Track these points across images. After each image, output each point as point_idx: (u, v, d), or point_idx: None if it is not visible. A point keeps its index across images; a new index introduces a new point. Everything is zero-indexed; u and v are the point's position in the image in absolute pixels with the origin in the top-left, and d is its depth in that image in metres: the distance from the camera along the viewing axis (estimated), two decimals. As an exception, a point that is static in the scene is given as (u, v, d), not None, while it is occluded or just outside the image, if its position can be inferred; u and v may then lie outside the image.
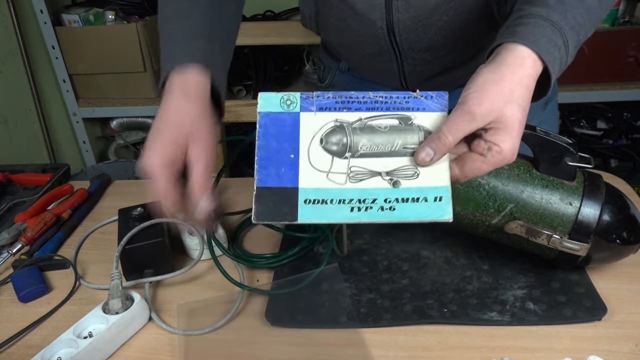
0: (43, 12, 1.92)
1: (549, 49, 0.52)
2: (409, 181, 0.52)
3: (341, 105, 0.55)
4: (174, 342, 0.66)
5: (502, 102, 0.50)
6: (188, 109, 0.58)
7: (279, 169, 0.53)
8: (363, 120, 0.54)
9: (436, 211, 0.52)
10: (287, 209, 0.52)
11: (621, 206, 0.65)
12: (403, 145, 0.53)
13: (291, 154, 0.54)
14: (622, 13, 1.88)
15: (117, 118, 2.21)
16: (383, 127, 0.54)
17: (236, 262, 0.76)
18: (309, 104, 0.55)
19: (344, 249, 0.76)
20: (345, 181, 0.53)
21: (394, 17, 0.73)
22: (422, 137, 0.53)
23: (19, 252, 0.82)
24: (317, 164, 0.54)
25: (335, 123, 0.54)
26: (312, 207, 0.52)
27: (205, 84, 0.61)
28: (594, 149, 2.06)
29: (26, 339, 0.68)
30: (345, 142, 0.54)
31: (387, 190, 0.52)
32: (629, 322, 0.64)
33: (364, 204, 0.52)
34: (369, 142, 0.54)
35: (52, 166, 1.05)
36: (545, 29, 0.53)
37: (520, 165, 0.66)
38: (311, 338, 0.65)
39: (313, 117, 0.55)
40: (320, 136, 0.54)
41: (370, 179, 0.53)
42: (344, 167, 0.53)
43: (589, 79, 1.85)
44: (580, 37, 0.56)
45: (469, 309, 0.66)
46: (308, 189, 0.53)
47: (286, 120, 0.55)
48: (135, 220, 0.76)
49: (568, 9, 0.54)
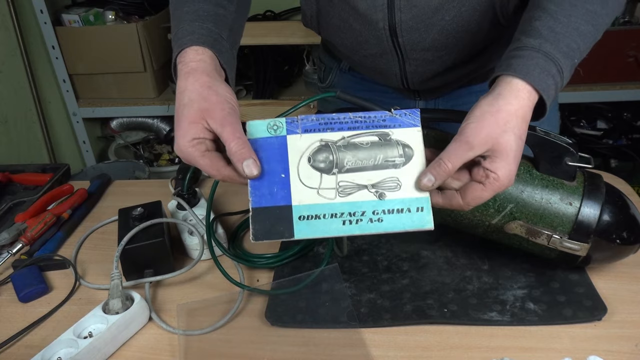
0: (43, 12, 1.92)
1: (542, 79, 0.56)
2: (393, 193, 0.57)
3: (324, 126, 0.59)
4: (174, 342, 0.66)
5: (498, 132, 0.54)
6: (194, 85, 0.60)
7: (271, 189, 0.57)
8: (346, 139, 0.58)
9: (419, 221, 0.56)
10: (283, 227, 0.56)
11: (621, 206, 0.65)
12: (384, 159, 0.58)
13: (282, 173, 0.57)
14: (622, 13, 1.88)
15: (117, 118, 2.21)
16: (365, 143, 0.58)
17: (236, 262, 0.76)
18: (294, 127, 0.59)
19: (344, 249, 0.76)
20: (335, 196, 0.57)
21: (396, 17, 0.73)
22: (400, 150, 0.58)
23: (19, 252, 0.82)
24: (307, 181, 0.57)
25: (321, 142, 0.58)
26: (306, 223, 0.56)
27: (210, 61, 0.62)
28: (594, 149, 2.06)
29: (26, 339, 0.68)
30: (331, 159, 0.58)
31: (374, 202, 0.57)
32: (629, 322, 0.64)
33: (354, 217, 0.56)
34: (354, 158, 0.58)
35: (52, 166, 1.05)
36: (538, 60, 0.56)
37: (520, 165, 0.66)
38: (311, 338, 0.65)
39: (299, 139, 0.58)
40: (308, 155, 0.58)
41: (357, 192, 0.57)
42: (332, 183, 0.57)
43: (589, 79, 1.85)
44: (575, 61, 0.59)
45: (469, 309, 0.66)
46: (301, 205, 0.56)
47: (274, 144, 0.58)
48: (135, 220, 0.76)
49: (561, 38, 0.57)
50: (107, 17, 2.03)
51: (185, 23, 0.64)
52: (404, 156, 0.58)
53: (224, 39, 0.65)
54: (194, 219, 0.79)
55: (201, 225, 0.77)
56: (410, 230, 0.56)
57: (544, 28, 0.58)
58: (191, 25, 0.64)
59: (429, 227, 0.56)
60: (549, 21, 0.58)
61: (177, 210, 0.84)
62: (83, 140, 2.18)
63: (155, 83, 2.09)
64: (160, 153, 2.30)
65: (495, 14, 0.73)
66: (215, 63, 0.63)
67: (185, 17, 0.65)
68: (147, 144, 2.32)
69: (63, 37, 1.98)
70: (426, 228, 0.56)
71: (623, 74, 1.85)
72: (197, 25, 0.63)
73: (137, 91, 2.09)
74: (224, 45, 0.65)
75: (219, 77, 0.62)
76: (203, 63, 0.61)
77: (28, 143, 1.94)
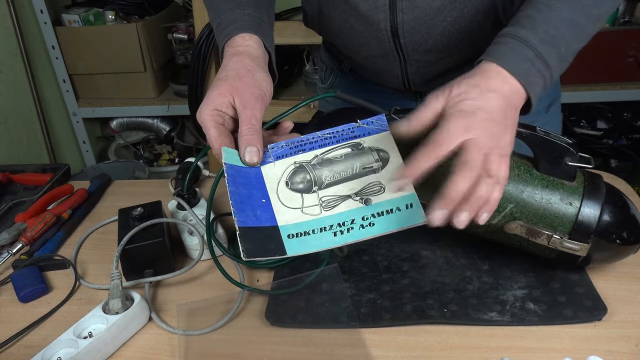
0: (43, 12, 1.92)
1: (517, 63, 0.56)
2: (378, 196, 0.56)
3: (295, 149, 0.60)
4: (174, 342, 0.66)
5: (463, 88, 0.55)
6: (236, 64, 0.62)
7: (255, 212, 0.56)
8: (319, 156, 0.59)
9: (411, 218, 0.55)
10: (273, 245, 0.55)
11: (621, 206, 0.65)
12: (362, 166, 0.58)
13: (262, 199, 0.57)
14: (622, 13, 1.88)
15: (117, 118, 2.21)
16: (339, 156, 0.59)
17: (236, 262, 0.76)
18: (266, 157, 0.59)
19: (344, 249, 0.76)
20: (320, 211, 0.56)
21: (398, 18, 0.73)
22: (375, 156, 0.58)
23: (19, 252, 0.82)
24: (289, 203, 0.57)
25: (295, 165, 0.58)
26: (296, 240, 0.55)
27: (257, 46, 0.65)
28: (594, 149, 2.06)
29: (26, 339, 0.68)
30: (309, 178, 0.57)
31: (362, 209, 0.56)
32: (629, 322, 0.64)
33: (345, 227, 0.55)
34: (331, 172, 0.58)
35: (52, 166, 1.05)
36: (513, 45, 0.57)
37: (521, 165, 0.66)
38: (311, 338, 0.65)
39: (273, 167, 0.59)
40: (285, 180, 0.58)
41: (343, 203, 0.56)
42: (315, 200, 0.57)
43: (589, 79, 1.85)
44: (562, 50, 0.59)
45: (469, 309, 0.66)
46: (288, 225, 0.55)
47: (249, 173, 0.58)
48: (135, 220, 0.76)
49: (538, 24, 0.58)
50: (107, 17, 2.03)
51: (226, 12, 0.66)
52: (380, 160, 0.58)
53: (265, 21, 0.67)
54: (194, 219, 0.79)
55: (201, 225, 0.77)
56: (405, 228, 0.55)
57: (522, 16, 0.59)
58: (233, 13, 0.66)
59: (422, 222, 0.54)
60: (529, 10, 0.59)
61: (177, 210, 0.84)
62: (83, 140, 2.18)
63: (155, 83, 2.09)
64: (160, 153, 2.30)
65: (497, 15, 0.73)
66: (262, 48, 0.65)
67: (224, 6, 0.67)
68: (147, 144, 2.32)
69: (63, 37, 1.98)
70: (419, 223, 0.55)
71: (623, 74, 1.85)
72: (238, 13, 0.66)
73: (137, 91, 2.09)
74: (266, 29, 0.67)
75: (263, 63, 0.64)
76: (250, 48, 0.64)
77: (28, 143, 1.94)
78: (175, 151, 2.30)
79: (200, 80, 1.88)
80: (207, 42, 1.82)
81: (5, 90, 1.83)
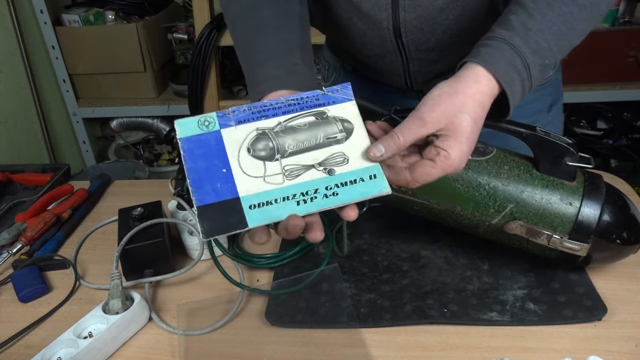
0: (43, 12, 1.92)
1: (507, 72, 0.56)
2: (341, 167, 0.56)
3: (258, 115, 0.58)
4: (174, 342, 0.66)
5: (453, 111, 0.54)
6: None
7: (214, 185, 0.55)
8: (282, 124, 0.58)
9: (375, 187, 0.55)
10: (234, 219, 0.53)
11: (621, 206, 0.65)
12: (326, 136, 0.57)
13: (223, 168, 0.55)
14: (622, 13, 1.88)
15: (117, 118, 2.21)
16: (303, 125, 0.58)
17: (236, 262, 0.76)
18: (227, 120, 0.58)
19: (344, 249, 0.76)
20: (283, 180, 0.55)
21: (400, 16, 0.73)
22: (340, 126, 0.58)
23: (19, 252, 0.82)
24: (251, 172, 0.56)
25: (258, 131, 0.57)
26: (258, 210, 0.54)
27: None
28: (594, 149, 2.06)
29: (26, 339, 0.68)
30: (271, 146, 0.56)
31: (325, 179, 0.55)
32: (629, 322, 0.64)
33: (308, 196, 0.55)
34: (294, 141, 0.57)
35: (52, 166, 1.05)
36: (505, 52, 0.57)
37: (521, 165, 0.66)
38: (311, 338, 0.65)
39: (234, 131, 0.57)
40: (246, 146, 0.57)
41: (306, 173, 0.56)
42: (277, 168, 0.56)
43: (589, 79, 1.85)
44: (545, 62, 0.59)
45: (469, 309, 0.66)
46: (249, 195, 0.54)
47: (209, 140, 0.57)
48: (135, 220, 0.76)
49: (531, 34, 0.58)
50: (107, 17, 2.03)
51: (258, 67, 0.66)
52: (344, 131, 0.57)
53: (299, 63, 0.66)
54: (194, 219, 0.79)
55: (201, 225, 0.77)
56: (369, 197, 0.55)
57: (517, 22, 0.58)
58: (264, 68, 0.65)
59: (387, 192, 0.54)
60: (524, 16, 0.59)
61: (177, 210, 0.84)
62: (83, 140, 2.18)
63: (155, 83, 2.09)
64: (160, 153, 2.30)
65: (498, 13, 0.73)
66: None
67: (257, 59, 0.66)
68: (147, 144, 2.32)
69: (63, 37, 1.98)
70: (384, 193, 0.55)
71: (623, 74, 1.85)
72: (271, 66, 0.65)
73: (137, 91, 2.09)
74: (301, 71, 0.65)
75: None
76: None
77: (28, 143, 1.94)
78: (175, 151, 2.30)
79: (200, 80, 1.88)
80: (207, 42, 1.82)
81: (5, 90, 1.82)
